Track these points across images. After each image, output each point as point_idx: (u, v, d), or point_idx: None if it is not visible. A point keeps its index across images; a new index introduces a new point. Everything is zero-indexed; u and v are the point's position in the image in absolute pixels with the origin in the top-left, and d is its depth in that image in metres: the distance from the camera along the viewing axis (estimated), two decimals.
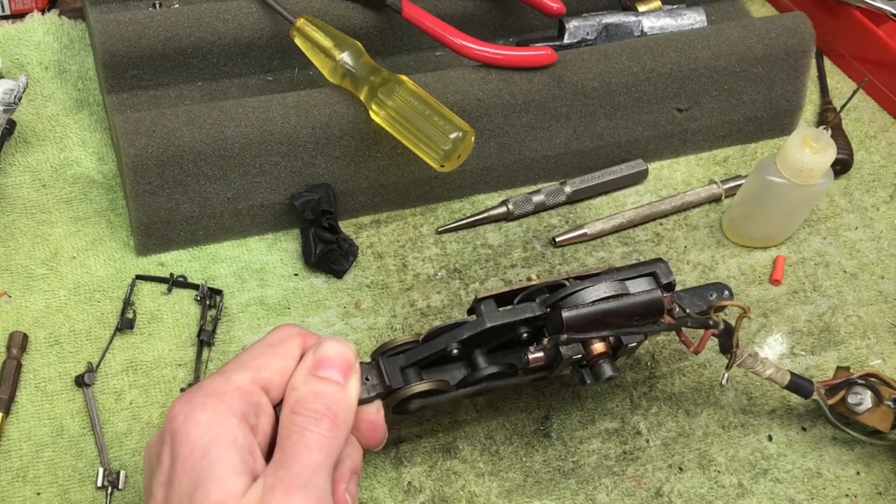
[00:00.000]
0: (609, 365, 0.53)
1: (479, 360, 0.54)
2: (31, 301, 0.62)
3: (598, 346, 0.54)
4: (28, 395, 0.58)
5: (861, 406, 0.58)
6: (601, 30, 0.75)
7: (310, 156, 0.65)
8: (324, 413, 0.46)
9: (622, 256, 0.69)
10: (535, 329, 0.54)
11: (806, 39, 0.74)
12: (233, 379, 0.46)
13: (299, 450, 0.44)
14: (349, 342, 0.49)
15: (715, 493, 0.60)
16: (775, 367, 0.58)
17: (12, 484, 0.55)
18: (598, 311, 0.53)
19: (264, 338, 0.50)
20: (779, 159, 0.65)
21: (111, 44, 0.66)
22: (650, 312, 0.54)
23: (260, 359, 0.48)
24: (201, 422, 0.44)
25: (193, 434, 0.44)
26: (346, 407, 0.47)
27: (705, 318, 0.56)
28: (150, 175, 0.62)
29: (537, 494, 0.59)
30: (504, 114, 0.68)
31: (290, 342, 0.49)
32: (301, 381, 0.47)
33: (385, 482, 0.58)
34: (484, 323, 0.53)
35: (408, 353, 0.53)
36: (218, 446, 0.44)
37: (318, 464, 0.44)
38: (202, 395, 0.45)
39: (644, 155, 0.74)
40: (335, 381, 0.47)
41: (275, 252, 0.67)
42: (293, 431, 0.45)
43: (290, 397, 0.47)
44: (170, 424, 0.45)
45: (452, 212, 0.71)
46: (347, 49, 0.63)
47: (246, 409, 0.46)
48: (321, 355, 0.48)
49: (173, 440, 0.44)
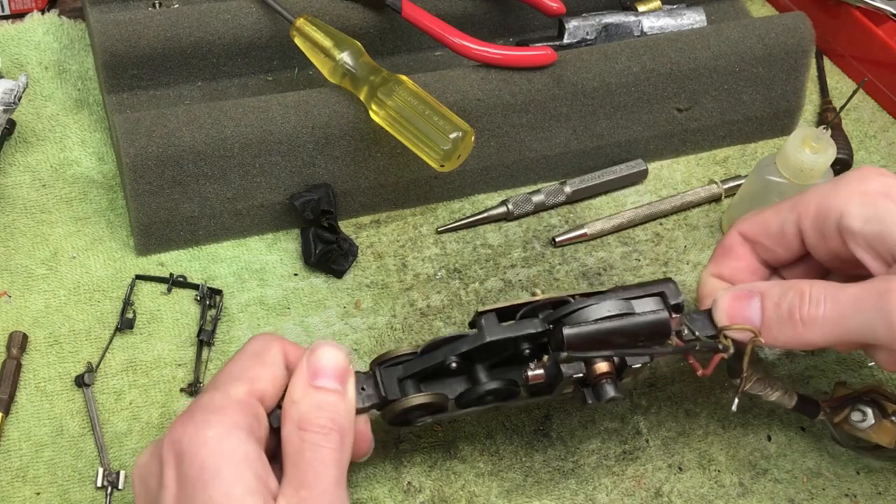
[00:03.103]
0: (612, 386, 0.52)
1: (481, 375, 0.53)
2: (30, 301, 0.62)
3: (602, 365, 0.52)
4: (28, 395, 0.58)
5: (864, 423, 0.57)
6: (601, 30, 0.75)
7: (310, 156, 0.65)
8: (330, 427, 0.45)
9: (622, 256, 0.69)
10: (538, 346, 0.53)
11: (806, 39, 0.74)
12: (231, 393, 0.46)
13: (316, 468, 0.44)
14: (341, 345, 0.48)
15: (715, 492, 0.60)
16: (783, 390, 0.58)
17: (12, 484, 0.55)
18: (602, 330, 0.52)
19: (245, 348, 0.49)
20: (779, 159, 0.65)
21: (111, 44, 0.66)
22: (656, 334, 0.53)
23: (251, 370, 0.47)
24: (209, 439, 0.43)
25: (202, 453, 0.43)
26: (348, 416, 0.47)
27: (714, 343, 0.54)
28: (150, 175, 0.62)
29: (537, 494, 0.59)
30: (504, 114, 0.68)
31: (272, 349, 0.49)
32: (301, 394, 0.46)
33: (385, 482, 0.58)
34: (483, 337, 0.52)
35: (406, 364, 0.53)
36: (230, 464, 0.43)
37: (338, 479, 0.44)
38: (204, 413, 0.44)
39: (644, 155, 0.74)
40: (334, 391, 0.47)
41: (275, 252, 0.67)
42: (304, 449, 0.44)
43: (291, 411, 0.46)
44: (173, 447, 0.43)
45: (452, 212, 0.71)
46: (347, 49, 0.63)
47: (251, 422, 0.45)
48: (316, 364, 0.47)
49: (179, 461, 0.43)
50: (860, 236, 0.52)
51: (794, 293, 0.51)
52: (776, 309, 0.52)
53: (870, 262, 0.52)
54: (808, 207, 0.54)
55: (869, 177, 0.53)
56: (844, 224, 0.52)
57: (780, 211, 0.56)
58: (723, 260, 0.58)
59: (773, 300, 0.52)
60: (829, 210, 0.53)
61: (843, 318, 0.50)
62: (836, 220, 0.53)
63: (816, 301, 0.51)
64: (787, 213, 0.56)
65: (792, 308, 0.51)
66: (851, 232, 0.52)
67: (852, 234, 0.52)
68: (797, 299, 0.51)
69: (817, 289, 0.51)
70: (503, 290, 0.67)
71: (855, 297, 0.50)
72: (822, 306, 0.50)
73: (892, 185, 0.52)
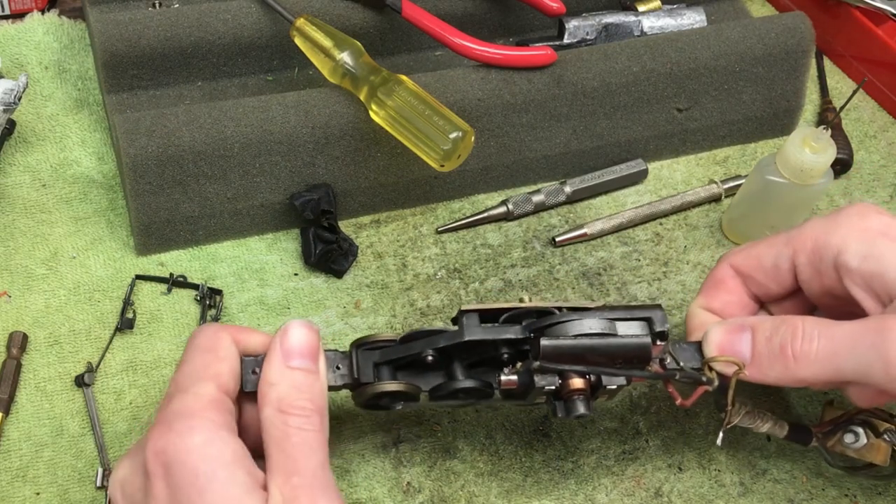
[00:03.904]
0: (583, 403, 0.51)
1: (458, 372, 0.53)
2: (30, 301, 0.62)
3: (577, 381, 0.51)
4: (28, 395, 0.58)
5: (857, 443, 0.57)
6: (601, 30, 0.75)
7: (310, 156, 0.65)
8: (311, 409, 0.45)
9: (622, 256, 0.69)
10: (518, 352, 0.53)
11: (806, 39, 0.74)
12: (201, 394, 0.45)
13: (305, 453, 0.44)
14: (312, 324, 0.48)
15: (715, 492, 0.60)
16: (773, 421, 0.57)
17: (12, 484, 0.55)
18: (579, 346, 0.51)
19: (195, 345, 0.48)
20: (779, 159, 0.65)
21: (111, 44, 0.66)
22: (636, 358, 0.52)
23: (211, 366, 0.46)
24: (197, 445, 0.43)
25: (191, 460, 0.42)
26: (323, 395, 0.47)
27: (698, 374, 0.53)
28: (150, 175, 0.62)
29: (537, 494, 0.59)
30: (504, 114, 0.68)
31: (223, 342, 0.48)
32: (278, 376, 0.46)
33: (384, 482, 0.58)
34: (462, 336, 0.51)
35: (384, 350, 0.53)
36: (223, 467, 0.42)
37: (324, 462, 0.44)
38: (183, 419, 0.43)
39: (644, 155, 0.74)
40: (309, 370, 0.47)
41: (275, 252, 0.67)
42: (290, 433, 0.44)
43: (269, 393, 0.46)
44: (159, 458, 0.43)
45: (452, 212, 0.71)
46: (347, 49, 0.63)
47: (228, 419, 0.45)
48: (289, 344, 0.47)
49: (168, 472, 0.42)
50: (857, 274, 0.51)
51: (786, 328, 0.51)
52: (767, 343, 0.51)
53: (865, 301, 0.51)
54: (805, 243, 0.54)
55: (867, 214, 0.52)
56: (841, 261, 0.52)
57: (775, 245, 0.55)
58: (713, 293, 0.58)
59: (765, 335, 0.51)
60: (827, 246, 0.52)
61: (836, 355, 0.49)
62: (833, 257, 0.52)
63: (810, 337, 0.50)
64: (781, 248, 0.55)
65: (784, 343, 0.50)
66: (848, 269, 0.51)
67: (849, 272, 0.51)
68: (789, 334, 0.50)
69: (810, 325, 0.50)
70: (503, 289, 0.67)
71: (850, 334, 0.49)
72: (816, 342, 0.50)
73: (890, 224, 0.52)
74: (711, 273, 0.58)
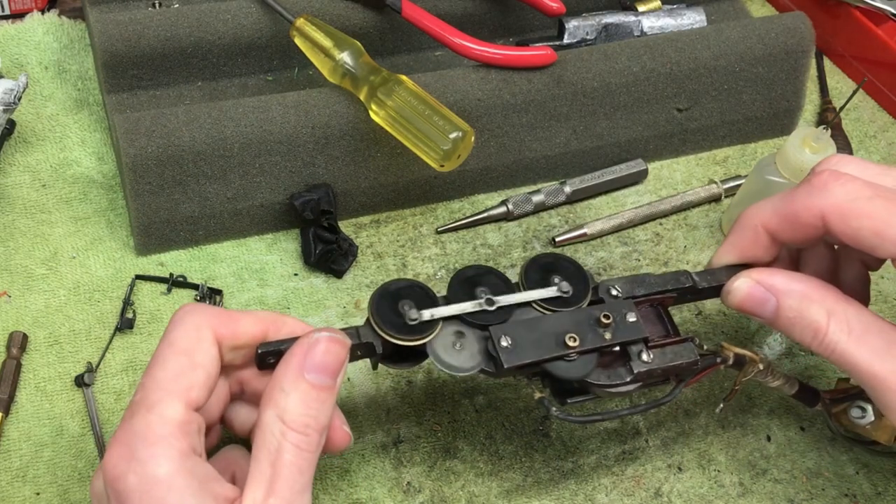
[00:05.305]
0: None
1: None
2: (30, 301, 0.62)
3: None
4: (28, 395, 0.59)
5: (864, 419, 0.57)
6: (601, 30, 0.75)
7: (310, 156, 0.65)
8: (313, 428, 0.44)
9: (622, 256, 0.69)
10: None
11: (806, 39, 0.74)
12: (167, 415, 0.42)
13: (292, 473, 0.43)
14: (345, 338, 0.47)
15: (715, 492, 0.60)
16: (784, 378, 0.58)
17: (12, 484, 0.55)
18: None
19: (171, 341, 0.45)
20: (778, 159, 0.65)
21: (111, 44, 0.66)
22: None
23: (182, 377, 0.44)
24: (162, 478, 0.40)
25: (157, 492, 0.40)
26: (329, 412, 0.45)
27: (714, 359, 0.54)
28: (149, 175, 0.62)
29: (537, 494, 0.59)
30: (504, 114, 0.68)
31: (204, 342, 0.45)
32: (291, 384, 0.44)
33: (385, 482, 0.58)
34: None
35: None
36: (190, 496, 0.41)
37: (308, 484, 0.43)
38: (147, 445, 0.41)
39: (644, 155, 0.74)
40: (325, 387, 0.45)
41: (274, 252, 0.67)
42: (283, 449, 0.43)
43: (277, 399, 0.44)
44: (117, 484, 0.41)
45: (452, 212, 0.71)
46: (347, 49, 0.63)
47: (195, 442, 0.43)
48: (316, 360, 0.45)
49: (127, 500, 0.40)
50: None
51: (810, 320, 0.50)
52: (790, 323, 0.51)
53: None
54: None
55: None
56: None
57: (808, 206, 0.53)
58: (739, 243, 0.55)
59: (789, 314, 0.50)
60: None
61: (860, 359, 0.48)
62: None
63: (834, 340, 0.49)
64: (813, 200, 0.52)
65: (804, 337, 0.50)
66: None
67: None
68: (811, 331, 0.50)
69: (835, 324, 0.49)
70: None
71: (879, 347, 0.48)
72: (839, 345, 0.49)
73: None
74: (738, 225, 0.55)
